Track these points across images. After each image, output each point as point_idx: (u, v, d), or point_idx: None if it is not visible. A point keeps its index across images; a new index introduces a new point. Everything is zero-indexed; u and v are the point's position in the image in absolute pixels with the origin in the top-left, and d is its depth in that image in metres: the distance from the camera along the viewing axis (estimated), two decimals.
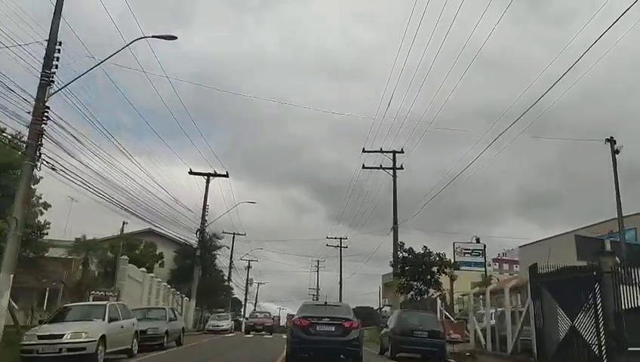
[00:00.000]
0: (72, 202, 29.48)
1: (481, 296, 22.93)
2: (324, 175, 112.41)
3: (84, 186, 16.68)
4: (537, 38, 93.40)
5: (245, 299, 74.28)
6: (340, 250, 56.59)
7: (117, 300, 21.71)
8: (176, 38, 15.03)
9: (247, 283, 72.65)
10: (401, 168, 31.07)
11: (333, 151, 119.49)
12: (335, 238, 56.53)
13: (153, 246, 49.50)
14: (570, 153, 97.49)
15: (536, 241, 35.51)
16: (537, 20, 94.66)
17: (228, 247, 50.84)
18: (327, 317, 13.26)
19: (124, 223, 25.01)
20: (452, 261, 24.95)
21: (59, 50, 14.04)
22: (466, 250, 23.22)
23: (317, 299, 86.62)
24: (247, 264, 72.27)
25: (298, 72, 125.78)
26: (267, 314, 37.58)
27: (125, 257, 24.10)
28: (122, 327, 13.76)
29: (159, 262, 49.42)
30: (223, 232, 51.03)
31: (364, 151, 31.00)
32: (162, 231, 46.83)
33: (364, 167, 31.55)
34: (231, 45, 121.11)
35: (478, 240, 23.87)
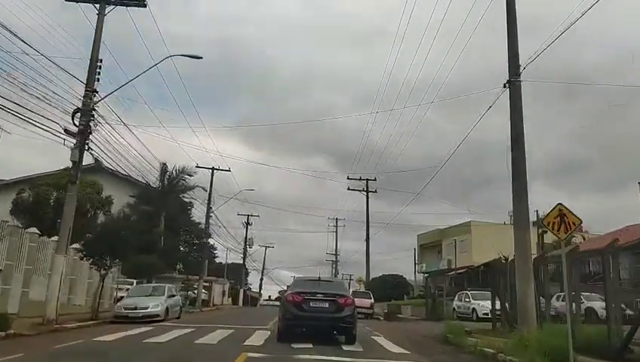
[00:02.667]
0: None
1: None
2: (346, 143, 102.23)
3: None
4: None
5: (244, 264, 58.90)
6: (367, 195, 40.62)
7: None
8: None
9: (245, 244, 57.28)
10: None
11: (356, 118, 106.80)
12: (360, 179, 40.55)
13: (96, 187, 34.23)
14: (599, 117, 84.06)
15: None
16: None
17: (205, 189, 35.24)
18: (321, 293, 12.67)
19: None
20: None
21: None
22: None
23: (335, 265, 72.37)
24: (247, 221, 56.81)
25: (321, 37, 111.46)
26: None
27: None
28: None
29: (105, 208, 34.26)
30: (197, 166, 35.37)
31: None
32: (113, 168, 32.00)
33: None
34: (253, 10, 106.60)
35: None
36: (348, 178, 39.96)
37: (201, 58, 16.00)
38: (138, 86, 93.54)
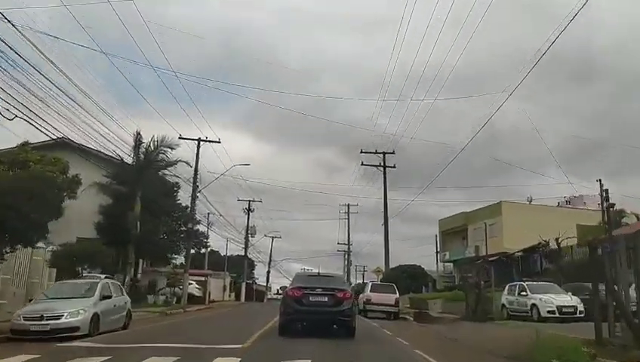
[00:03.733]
0: None
1: None
2: (355, 134, 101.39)
3: None
4: None
5: (245, 255, 52.91)
6: (384, 170, 34.35)
7: None
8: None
9: (247, 233, 51.35)
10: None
11: (365, 108, 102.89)
12: (376, 153, 34.33)
13: (59, 165, 28.44)
14: (617, 100, 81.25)
15: None
16: None
17: (190, 165, 29.25)
18: (320, 288, 12.83)
19: None
20: None
21: None
22: None
23: (348, 256, 66.51)
24: (248, 207, 50.85)
25: (327, 26, 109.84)
26: None
27: None
28: None
29: (67, 190, 28.46)
30: (181, 138, 29.40)
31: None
32: (84, 143, 26.83)
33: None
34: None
35: None
36: (361, 152, 34.05)
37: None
38: (142, 83, 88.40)
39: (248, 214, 50.69)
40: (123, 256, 28.35)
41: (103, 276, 26.91)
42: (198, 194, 30.39)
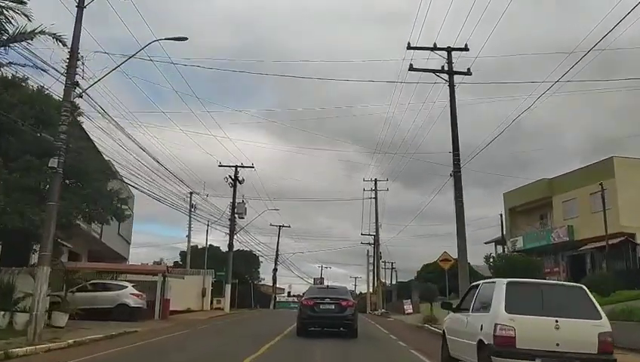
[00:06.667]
0: None
1: None
2: (377, 131, 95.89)
3: None
4: None
5: (230, 246, 37.26)
6: (451, 77, 18.71)
7: None
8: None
9: (232, 214, 35.76)
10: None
11: (386, 105, 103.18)
12: (434, 49, 18.88)
13: None
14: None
15: None
16: None
17: (63, 43, 13.98)
18: (329, 298, 16.43)
19: None
20: None
21: None
22: None
23: (376, 245, 51.30)
24: (234, 175, 35.46)
25: (343, 21, 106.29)
26: None
27: None
28: None
29: None
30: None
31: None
32: None
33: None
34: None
35: None
36: (409, 47, 19.01)
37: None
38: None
39: (235, 186, 35.24)
40: None
41: None
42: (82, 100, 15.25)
